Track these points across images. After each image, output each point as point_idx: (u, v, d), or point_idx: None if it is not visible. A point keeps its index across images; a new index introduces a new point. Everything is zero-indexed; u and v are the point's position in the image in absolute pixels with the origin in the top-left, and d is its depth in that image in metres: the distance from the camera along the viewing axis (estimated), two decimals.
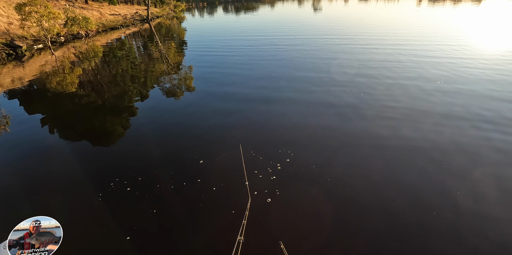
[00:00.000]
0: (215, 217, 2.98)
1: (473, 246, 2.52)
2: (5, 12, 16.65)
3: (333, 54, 10.60)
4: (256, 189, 3.28)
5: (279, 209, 3.05)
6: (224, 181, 3.52)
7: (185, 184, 3.50)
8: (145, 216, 3.04)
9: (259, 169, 3.67)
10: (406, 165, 3.71)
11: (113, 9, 30.98)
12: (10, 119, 6.00)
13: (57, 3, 22.99)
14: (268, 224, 2.83)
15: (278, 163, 3.79)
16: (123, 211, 3.15)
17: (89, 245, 2.76)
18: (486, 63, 8.29)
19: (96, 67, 10.91)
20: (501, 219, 2.80)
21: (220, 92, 6.97)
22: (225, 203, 3.16)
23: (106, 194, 3.39)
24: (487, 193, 3.15)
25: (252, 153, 4.08)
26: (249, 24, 24.39)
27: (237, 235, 2.01)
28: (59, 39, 17.07)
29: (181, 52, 13.35)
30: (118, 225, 2.95)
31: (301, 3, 58.97)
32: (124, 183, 3.56)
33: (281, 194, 3.23)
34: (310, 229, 2.80)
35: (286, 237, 2.64)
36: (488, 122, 4.72)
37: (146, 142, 4.72)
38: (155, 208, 3.14)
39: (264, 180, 3.47)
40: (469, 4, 33.98)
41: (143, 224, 2.94)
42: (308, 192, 3.29)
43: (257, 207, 2.98)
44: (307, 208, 3.07)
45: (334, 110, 5.49)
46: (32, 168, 4.12)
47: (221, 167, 3.84)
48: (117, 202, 3.28)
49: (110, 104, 6.84)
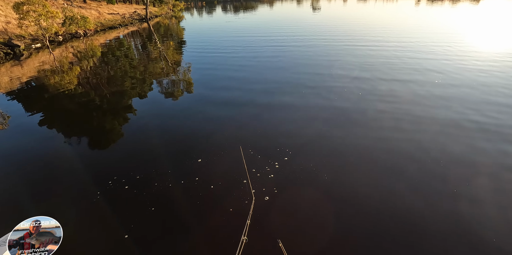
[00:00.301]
0: (215, 217, 2.98)
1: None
2: (3, 11, 16.55)
3: (334, 53, 10.62)
4: (256, 189, 3.29)
5: (279, 208, 3.06)
6: (224, 180, 3.53)
7: (183, 182, 3.51)
8: (144, 215, 3.05)
9: (258, 168, 3.69)
10: (406, 164, 3.73)
11: (112, 8, 30.86)
12: (9, 120, 5.98)
13: (55, 2, 22.87)
14: (268, 223, 2.85)
15: (276, 162, 3.82)
16: (122, 209, 3.16)
17: (88, 243, 2.77)
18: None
19: (94, 66, 10.87)
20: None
21: (219, 92, 6.97)
22: (225, 202, 3.17)
23: (105, 192, 3.41)
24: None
25: (251, 151, 4.10)
26: (248, 23, 24.37)
27: (238, 235, 2.01)
28: (57, 39, 16.99)
29: (180, 52, 13.33)
30: (119, 223, 2.96)
31: (300, 2, 58.95)
32: (123, 181, 3.57)
33: (280, 193, 3.25)
34: (310, 227, 2.81)
35: (286, 236, 2.65)
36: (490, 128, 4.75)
37: (145, 141, 4.73)
38: (154, 207, 3.15)
39: (263, 179, 3.49)
40: (467, 3, 34.10)
41: (144, 222, 2.95)
42: (306, 191, 3.31)
43: (258, 207, 2.99)
44: (306, 207, 3.09)
45: (337, 111, 5.51)
46: (30, 167, 4.12)
47: (221, 166, 3.85)
48: (116, 201, 3.29)
49: (109, 104, 6.83)
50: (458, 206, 2.97)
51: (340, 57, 9.92)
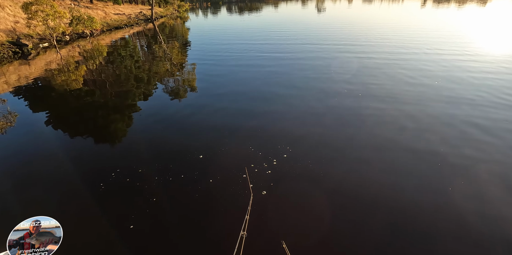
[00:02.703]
0: (214, 212, 3.00)
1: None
2: (12, 11, 16.83)
3: (335, 55, 10.56)
4: (256, 186, 3.28)
5: (277, 203, 3.06)
6: (223, 175, 3.58)
7: (183, 179, 3.52)
8: (144, 211, 3.07)
9: (258, 165, 3.71)
10: (405, 164, 3.68)
11: (118, 9, 31.19)
12: (16, 117, 6.05)
13: (63, 2, 23.20)
14: (267, 219, 2.82)
15: (275, 158, 3.86)
16: (123, 204, 3.19)
17: (88, 238, 2.77)
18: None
19: (100, 65, 10.97)
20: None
21: (223, 93, 6.96)
22: (225, 198, 3.22)
23: (106, 188, 3.46)
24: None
25: (251, 148, 4.14)
26: (252, 25, 24.40)
27: (237, 230, 1.99)
28: (64, 38, 17.21)
29: (184, 52, 13.39)
30: (118, 218, 2.99)
31: (305, 3, 58.88)
32: (124, 177, 3.62)
33: (278, 192, 3.22)
34: (310, 225, 2.77)
35: (285, 234, 2.61)
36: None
37: (148, 139, 4.74)
38: (155, 198, 3.19)
39: (262, 176, 3.50)
40: (474, 5, 33.65)
41: (143, 217, 2.95)
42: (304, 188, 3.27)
43: (256, 202, 2.99)
44: (304, 203, 3.05)
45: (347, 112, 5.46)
46: (36, 164, 4.17)
47: (221, 163, 3.89)
48: (117, 195, 3.35)
49: (113, 102, 6.87)
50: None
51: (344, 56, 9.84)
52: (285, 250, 1.79)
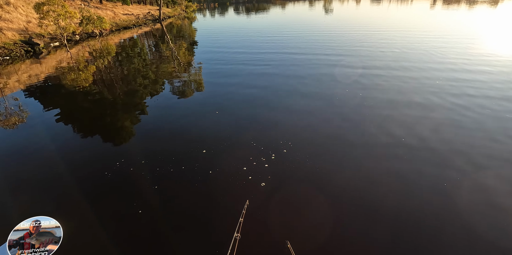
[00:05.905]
0: (211, 203, 3.09)
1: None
2: (24, 11, 17.25)
3: (337, 57, 10.43)
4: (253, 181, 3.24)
5: (276, 204, 3.02)
6: (223, 170, 3.65)
7: (184, 168, 3.52)
8: (148, 192, 3.20)
9: (257, 162, 3.72)
10: (403, 163, 3.58)
11: (126, 9, 31.65)
12: (28, 116, 6.16)
13: (73, 2, 23.66)
14: (265, 221, 2.77)
15: (273, 154, 3.91)
16: (124, 203, 3.18)
17: (87, 234, 2.77)
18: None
19: (109, 65, 11.12)
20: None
21: (228, 92, 6.96)
22: (222, 187, 3.31)
23: (107, 186, 3.53)
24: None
25: (253, 142, 4.22)
26: (259, 26, 24.39)
27: (232, 231, 1.95)
28: (74, 38, 17.54)
29: (191, 52, 13.45)
30: (118, 218, 2.98)
31: (312, 4, 58.61)
32: (125, 174, 3.69)
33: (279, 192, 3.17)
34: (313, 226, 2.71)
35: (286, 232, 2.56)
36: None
37: (153, 137, 4.76)
38: (157, 185, 3.32)
39: (261, 174, 3.50)
40: (485, 6, 32.84)
41: (138, 217, 2.94)
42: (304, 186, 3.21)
43: (254, 204, 2.96)
44: (303, 203, 2.99)
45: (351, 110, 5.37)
46: (45, 161, 4.25)
47: (223, 157, 3.95)
48: (120, 193, 3.38)
49: (121, 101, 6.94)
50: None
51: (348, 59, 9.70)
52: (290, 249, 1.76)
